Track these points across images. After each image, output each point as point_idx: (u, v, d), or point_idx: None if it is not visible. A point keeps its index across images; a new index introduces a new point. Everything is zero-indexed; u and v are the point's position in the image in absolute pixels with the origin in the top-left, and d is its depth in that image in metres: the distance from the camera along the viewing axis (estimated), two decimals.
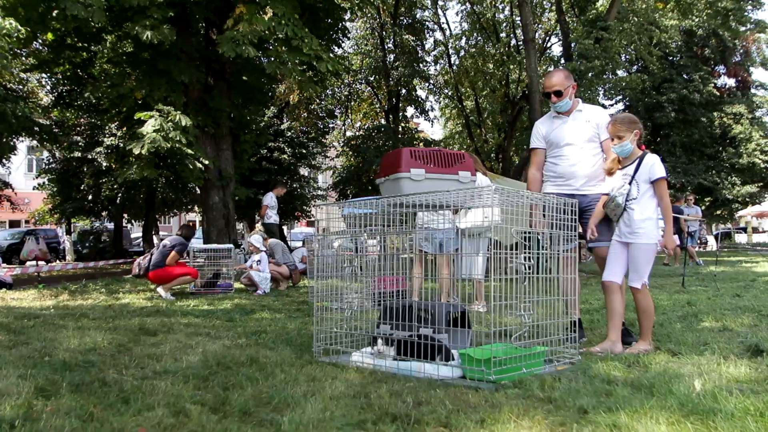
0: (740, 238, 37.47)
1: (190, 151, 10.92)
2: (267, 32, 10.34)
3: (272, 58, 10.96)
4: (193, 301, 7.70)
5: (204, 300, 7.89)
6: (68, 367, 3.40)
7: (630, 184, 4.02)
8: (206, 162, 11.74)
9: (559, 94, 4.36)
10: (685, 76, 27.56)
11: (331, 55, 12.53)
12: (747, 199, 30.54)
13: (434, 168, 3.61)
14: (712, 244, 35.16)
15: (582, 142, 4.37)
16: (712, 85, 28.25)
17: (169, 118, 10.52)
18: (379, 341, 3.28)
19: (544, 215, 3.81)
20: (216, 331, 5.00)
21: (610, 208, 4.12)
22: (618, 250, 4.08)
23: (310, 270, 8.32)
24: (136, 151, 10.40)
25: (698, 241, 18.78)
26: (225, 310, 6.67)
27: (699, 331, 4.59)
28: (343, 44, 17.80)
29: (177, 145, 10.49)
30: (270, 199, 12.32)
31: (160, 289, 8.30)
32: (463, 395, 2.73)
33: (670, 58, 28.32)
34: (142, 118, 10.60)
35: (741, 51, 29.45)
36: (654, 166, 4.00)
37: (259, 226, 9.78)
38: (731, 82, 30.67)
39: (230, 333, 4.92)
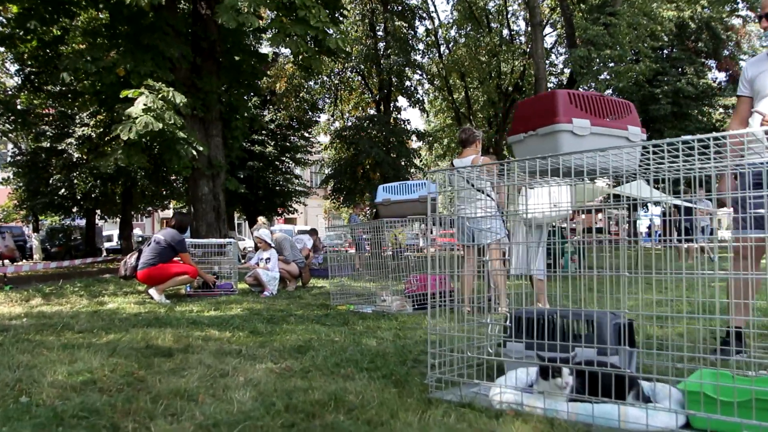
0: None
1: (182, 134, 9.57)
2: (270, 1, 9.11)
3: (276, 30, 9.61)
4: (195, 306, 6.46)
5: (207, 304, 6.65)
6: (60, 420, 2.20)
7: None
8: (200, 148, 10.40)
9: None
10: (679, 69, 26.93)
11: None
12: None
13: (599, 120, 2.48)
14: None
15: None
16: (709, 78, 27.73)
17: (161, 95, 9.13)
18: (565, 371, 2.14)
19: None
20: (247, 348, 3.82)
21: None
22: None
23: (332, 268, 7.15)
24: (124, 136, 8.92)
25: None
26: (240, 318, 5.46)
27: None
28: (342, 24, 16.56)
29: (170, 127, 9.10)
30: None
31: (152, 291, 7.05)
32: None
33: (664, 51, 27.69)
34: (129, 96, 9.17)
35: (732, 44, 28.98)
36: None
37: (262, 219, 8.56)
38: (722, 76, 30.25)
39: (266, 351, 3.75)
